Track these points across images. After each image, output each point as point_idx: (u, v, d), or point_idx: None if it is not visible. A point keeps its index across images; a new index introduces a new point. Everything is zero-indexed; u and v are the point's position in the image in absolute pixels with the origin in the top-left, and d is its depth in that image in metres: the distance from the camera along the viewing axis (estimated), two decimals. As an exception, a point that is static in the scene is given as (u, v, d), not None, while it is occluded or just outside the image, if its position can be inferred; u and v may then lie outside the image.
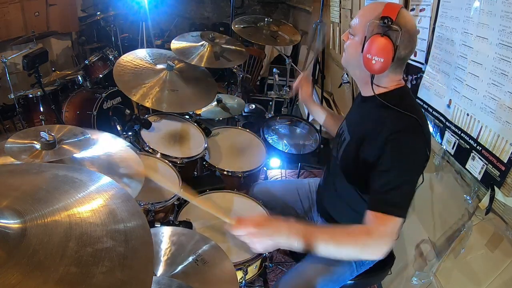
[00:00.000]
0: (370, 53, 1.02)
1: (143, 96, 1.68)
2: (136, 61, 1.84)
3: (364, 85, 1.17)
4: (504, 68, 1.11)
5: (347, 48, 1.16)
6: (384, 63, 1.01)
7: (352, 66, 1.18)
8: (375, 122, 1.09)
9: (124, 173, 1.16)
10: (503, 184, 1.14)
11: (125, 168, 1.18)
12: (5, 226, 0.55)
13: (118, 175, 1.14)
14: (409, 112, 1.04)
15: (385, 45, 1.00)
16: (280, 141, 2.18)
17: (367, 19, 1.05)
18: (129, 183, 1.14)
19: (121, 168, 1.18)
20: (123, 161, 1.21)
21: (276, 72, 2.49)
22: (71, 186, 0.68)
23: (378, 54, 1.01)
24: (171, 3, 5.06)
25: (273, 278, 1.91)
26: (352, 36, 1.13)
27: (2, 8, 3.04)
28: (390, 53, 1.01)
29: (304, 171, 2.89)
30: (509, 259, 1.14)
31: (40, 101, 2.65)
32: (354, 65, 1.15)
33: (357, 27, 1.10)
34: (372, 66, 1.03)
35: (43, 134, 1.07)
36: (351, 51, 1.14)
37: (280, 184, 1.66)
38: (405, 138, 1.02)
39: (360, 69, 1.11)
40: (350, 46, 1.14)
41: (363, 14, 1.10)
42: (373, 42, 1.02)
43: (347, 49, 1.16)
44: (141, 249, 0.60)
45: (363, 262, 1.27)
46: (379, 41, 1.01)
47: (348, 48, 1.15)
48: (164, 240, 1.13)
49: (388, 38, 1.01)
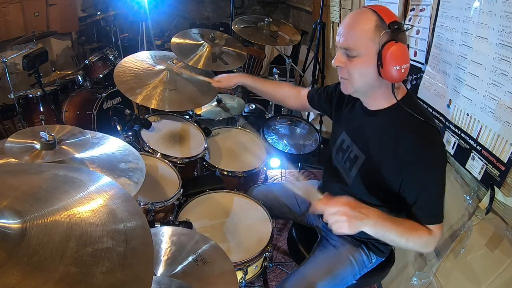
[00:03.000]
0: (396, 63, 0.95)
1: (146, 98, 1.68)
2: (137, 62, 1.84)
3: (375, 100, 1.11)
4: (504, 68, 1.11)
5: (353, 71, 1.04)
6: (408, 68, 0.99)
7: (365, 87, 1.07)
8: (396, 138, 1.04)
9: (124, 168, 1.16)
10: (503, 184, 1.14)
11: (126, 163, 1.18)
12: (5, 226, 0.55)
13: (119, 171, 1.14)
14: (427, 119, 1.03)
15: (405, 49, 0.97)
16: (280, 141, 2.18)
17: (368, 32, 0.98)
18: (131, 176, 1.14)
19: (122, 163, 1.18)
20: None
21: (276, 72, 2.49)
22: (71, 186, 0.68)
23: (404, 61, 0.97)
24: (171, 3, 5.06)
25: (273, 278, 1.91)
26: (352, 58, 1.02)
27: (2, 8, 3.04)
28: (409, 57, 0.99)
29: (304, 171, 2.89)
30: (509, 259, 1.14)
31: (40, 101, 2.64)
32: (368, 85, 1.06)
33: (358, 45, 0.99)
34: (398, 75, 0.98)
35: (42, 134, 1.07)
36: (361, 72, 1.03)
37: (278, 186, 1.66)
38: (434, 149, 1.02)
39: (376, 87, 1.05)
40: (357, 68, 1.02)
41: (356, 29, 1.00)
42: (396, 50, 0.95)
43: (354, 72, 1.04)
44: (141, 249, 0.60)
45: (366, 265, 1.27)
46: (400, 47, 0.96)
47: (355, 71, 1.03)
48: (164, 240, 1.13)
49: (401, 42, 0.97)
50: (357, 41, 0.99)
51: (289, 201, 1.52)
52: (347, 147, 1.23)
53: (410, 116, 1.03)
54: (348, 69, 1.04)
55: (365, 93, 1.12)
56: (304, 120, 2.37)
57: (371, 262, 1.28)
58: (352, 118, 1.24)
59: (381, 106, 1.11)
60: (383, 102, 1.10)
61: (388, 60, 0.96)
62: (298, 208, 1.50)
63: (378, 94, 1.09)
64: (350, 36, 1.00)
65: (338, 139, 1.28)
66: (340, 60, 1.05)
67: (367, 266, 1.27)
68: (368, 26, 0.98)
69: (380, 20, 0.97)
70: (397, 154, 1.04)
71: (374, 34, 0.97)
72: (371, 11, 0.99)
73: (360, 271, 1.26)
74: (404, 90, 1.11)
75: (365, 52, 0.99)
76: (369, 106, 1.15)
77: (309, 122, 2.37)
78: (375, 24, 0.97)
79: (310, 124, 2.35)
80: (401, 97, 1.08)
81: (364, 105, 1.17)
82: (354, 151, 1.19)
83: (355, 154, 1.18)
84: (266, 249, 1.32)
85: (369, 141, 1.14)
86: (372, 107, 1.14)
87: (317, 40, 2.77)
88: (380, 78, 1.01)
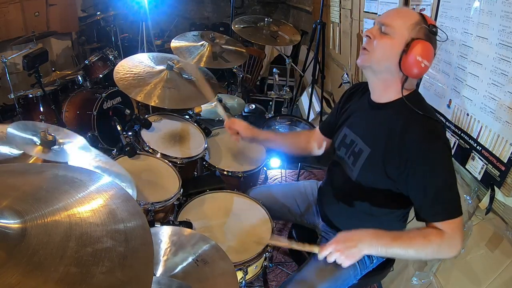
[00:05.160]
0: (421, 55, 1.00)
1: (146, 95, 1.68)
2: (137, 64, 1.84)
3: (383, 90, 1.13)
4: (504, 68, 1.11)
5: (378, 46, 1.07)
6: (427, 68, 1.03)
7: (380, 65, 1.09)
8: (401, 131, 1.05)
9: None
10: (503, 184, 1.14)
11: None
12: (5, 226, 0.55)
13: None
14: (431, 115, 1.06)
15: (432, 51, 1.03)
16: (280, 141, 2.18)
17: (409, 20, 1.04)
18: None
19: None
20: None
21: (276, 72, 2.49)
22: (71, 186, 0.68)
23: (427, 58, 1.01)
24: (171, 3, 5.06)
25: (273, 278, 1.91)
26: (384, 35, 1.06)
27: (2, 8, 3.04)
28: (432, 60, 1.04)
29: (304, 171, 2.89)
30: (509, 259, 1.14)
31: (40, 101, 2.65)
32: (384, 66, 1.08)
33: (396, 26, 1.04)
34: (417, 69, 1.02)
35: (42, 134, 1.07)
36: (384, 50, 1.06)
37: (277, 187, 1.65)
38: (439, 143, 1.02)
39: (390, 71, 1.08)
40: (383, 45, 1.06)
41: (401, 16, 1.06)
42: (424, 46, 1.01)
43: (379, 46, 1.07)
44: (141, 249, 0.60)
45: (367, 265, 1.26)
46: (428, 46, 1.01)
47: (380, 46, 1.06)
48: (164, 240, 1.13)
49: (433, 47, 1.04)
50: (397, 22, 1.05)
51: (289, 202, 1.51)
52: (351, 141, 1.23)
53: (416, 111, 1.05)
54: (375, 42, 1.08)
55: (378, 75, 1.13)
56: (304, 120, 2.38)
57: (372, 263, 1.28)
58: (357, 113, 1.26)
59: (389, 98, 1.12)
60: (391, 93, 1.12)
61: (415, 50, 1.01)
62: (298, 209, 1.50)
63: (388, 81, 1.11)
64: (393, 16, 1.07)
65: (339, 135, 1.29)
66: (371, 31, 1.09)
67: (368, 266, 1.27)
68: (412, 18, 1.05)
69: (422, 19, 1.05)
70: (402, 148, 1.04)
71: (413, 26, 1.03)
72: (417, 13, 1.08)
73: (361, 271, 1.26)
74: (413, 87, 1.14)
75: (398, 35, 1.04)
76: (376, 96, 1.17)
77: (309, 122, 2.37)
78: (418, 19, 1.04)
79: (310, 124, 2.36)
80: (409, 93, 1.11)
81: (371, 98, 1.19)
82: (359, 145, 1.19)
83: (359, 148, 1.18)
84: (266, 249, 1.32)
85: (375, 134, 1.15)
86: (379, 99, 1.16)
87: (317, 40, 2.77)
88: (398, 67, 1.05)
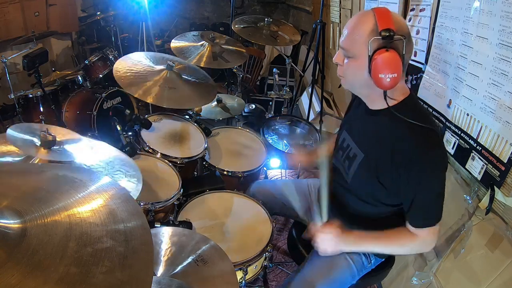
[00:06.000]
0: (382, 72, 0.95)
1: (145, 93, 1.68)
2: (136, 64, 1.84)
3: (373, 101, 1.12)
4: (504, 68, 1.11)
5: (347, 71, 1.07)
6: (398, 77, 0.97)
7: (358, 87, 1.11)
8: (394, 139, 1.04)
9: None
10: (503, 184, 1.14)
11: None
12: (5, 226, 0.55)
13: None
14: (425, 123, 1.02)
15: (395, 59, 0.95)
16: (280, 141, 2.18)
17: (362, 36, 0.98)
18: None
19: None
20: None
21: (276, 72, 2.48)
22: (71, 186, 0.68)
23: (390, 71, 0.95)
24: (171, 3, 5.06)
25: (273, 278, 1.91)
26: (348, 58, 1.05)
27: (2, 8, 3.04)
28: (400, 65, 0.97)
29: (304, 171, 2.89)
30: (509, 259, 1.14)
31: (40, 101, 2.64)
32: (361, 86, 1.09)
33: (353, 47, 1.02)
34: (386, 83, 0.97)
35: (42, 134, 1.07)
36: (353, 74, 1.06)
37: (278, 184, 1.66)
38: (431, 153, 1.01)
39: (369, 88, 1.06)
40: (351, 69, 1.05)
41: (354, 31, 1.01)
42: (382, 59, 0.95)
43: (347, 72, 1.07)
44: (141, 249, 0.60)
45: (365, 266, 1.27)
46: (388, 56, 0.95)
47: (349, 71, 1.07)
48: (164, 240, 1.13)
49: (394, 51, 0.95)
50: (353, 43, 1.02)
51: (291, 198, 1.51)
52: (347, 145, 1.24)
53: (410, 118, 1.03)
54: (344, 68, 1.08)
55: (361, 93, 1.15)
56: (304, 120, 2.38)
57: (370, 263, 1.28)
58: (356, 117, 1.26)
59: (381, 106, 1.11)
60: (380, 103, 1.10)
61: (374, 68, 0.97)
62: (300, 205, 1.50)
63: (375, 95, 1.09)
64: (348, 38, 1.03)
65: (340, 138, 1.31)
66: (338, 58, 1.10)
67: (366, 267, 1.27)
68: (364, 30, 0.99)
69: (375, 25, 0.97)
70: (394, 156, 1.04)
71: (367, 39, 0.98)
72: (371, 15, 0.99)
73: (359, 272, 1.26)
74: (406, 91, 1.09)
75: (359, 55, 1.01)
76: (370, 105, 1.16)
77: (309, 122, 2.37)
78: (371, 29, 0.98)
79: (310, 124, 2.35)
80: (403, 98, 1.08)
81: (366, 105, 1.17)
82: (353, 150, 1.20)
83: (354, 153, 1.19)
84: (266, 249, 1.32)
85: (369, 140, 1.15)
86: (372, 106, 1.15)
87: (317, 40, 2.77)
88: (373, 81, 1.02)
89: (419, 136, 1.01)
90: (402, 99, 1.08)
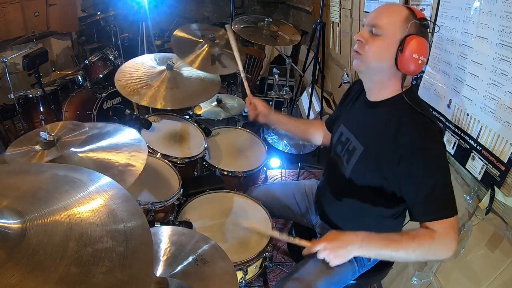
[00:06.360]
0: (417, 52, 0.99)
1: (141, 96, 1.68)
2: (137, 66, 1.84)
3: (378, 90, 1.12)
4: (504, 68, 1.11)
5: (370, 49, 1.05)
6: (423, 63, 1.02)
7: (374, 68, 1.08)
8: (396, 131, 1.04)
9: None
10: (503, 184, 1.14)
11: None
12: (5, 226, 0.55)
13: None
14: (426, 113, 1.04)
15: (427, 46, 1.02)
16: (280, 141, 2.18)
17: (400, 18, 1.02)
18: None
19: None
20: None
21: (276, 72, 2.49)
22: (71, 186, 0.68)
23: (423, 54, 1.00)
24: (171, 3, 5.06)
25: (273, 278, 1.91)
26: (375, 36, 1.04)
27: (2, 8, 3.04)
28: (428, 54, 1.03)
29: (304, 171, 2.89)
30: (509, 259, 1.14)
31: (40, 101, 2.64)
32: (378, 68, 1.07)
33: (387, 26, 1.03)
34: (414, 66, 1.01)
35: (42, 135, 1.07)
36: (377, 52, 1.05)
37: (277, 186, 1.66)
38: (433, 143, 1.01)
39: (385, 72, 1.07)
40: (376, 47, 1.04)
41: (390, 14, 1.04)
42: (418, 41, 0.99)
43: (371, 49, 1.05)
44: (141, 249, 0.60)
45: (365, 263, 1.26)
46: (423, 41, 1.01)
47: (373, 49, 1.05)
48: (164, 240, 1.13)
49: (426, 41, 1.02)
50: (387, 22, 1.03)
51: (289, 201, 1.52)
52: (346, 139, 1.23)
53: (411, 109, 1.04)
54: (367, 46, 1.06)
55: (373, 76, 1.12)
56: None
57: (370, 260, 1.27)
58: (354, 111, 1.26)
59: (384, 96, 1.11)
60: (386, 92, 1.11)
61: (410, 48, 1.00)
62: (298, 207, 1.50)
63: (385, 83, 1.10)
64: (382, 16, 1.05)
65: (336, 132, 1.30)
66: (362, 35, 1.07)
67: (366, 264, 1.27)
68: (400, 14, 1.03)
69: (411, 13, 1.03)
70: (396, 147, 1.04)
71: (403, 23, 1.02)
72: (405, 7, 1.05)
73: (359, 269, 1.26)
74: (409, 84, 1.12)
75: (390, 35, 1.03)
76: (371, 96, 1.16)
77: (309, 122, 2.36)
78: (407, 15, 1.03)
79: (310, 124, 2.35)
80: (405, 89, 1.09)
81: (366, 97, 1.18)
82: (353, 143, 1.19)
83: (353, 146, 1.19)
84: (266, 249, 1.32)
85: (369, 133, 1.15)
86: (374, 97, 1.15)
87: (317, 40, 2.77)
88: (394, 66, 1.04)
89: (421, 127, 1.02)
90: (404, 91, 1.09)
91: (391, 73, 1.07)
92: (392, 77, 1.08)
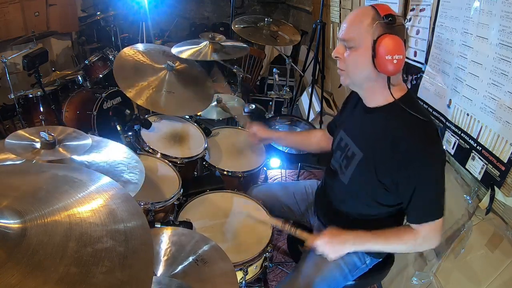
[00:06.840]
0: (388, 53, 0.97)
1: (137, 94, 1.68)
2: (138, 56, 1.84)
3: (373, 95, 1.12)
4: (504, 68, 1.11)
5: (348, 63, 1.07)
6: (402, 59, 0.99)
7: (359, 80, 1.09)
8: (393, 137, 1.04)
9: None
10: (503, 184, 1.14)
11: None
12: (5, 226, 0.55)
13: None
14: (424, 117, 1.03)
15: (399, 41, 0.99)
16: (280, 141, 2.18)
17: (365, 24, 1.01)
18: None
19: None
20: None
21: (276, 72, 2.49)
22: (71, 186, 0.68)
23: (396, 52, 0.97)
24: (171, 3, 5.06)
25: (273, 278, 1.91)
26: (349, 49, 1.05)
27: (2, 8, 3.04)
28: (404, 48, 1.00)
29: (304, 171, 2.89)
30: (509, 259, 1.14)
31: (40, 101, 2.64)
32: (363, 78, 1.08)
33: (356, 37, 1.03)
34: (391, 67, 0.99)
35: (43, 134, 1.07)
36: (355, 64, 1.06)
37: (277, 186, 1.67)
38: (430, 148, 1.02)
39: (371, 79, 1.06)
40: (353, 59, 1.05)
41: (355, 21, 1.03)
42: (387, 41, 0.97)
43: (349, 64, 1.07)
44: (141, 249, 0.60)
45: (358, 266, 1.26)
46: (393, 38, 0.98)
47: (351, 62, 1.06)
48: (164, 240, 1.13)
49: (397, 36, 0.99)
50: (356, 32, 1.03)
51: (289, 201, 1.52)
52: (345, 145, 1.23)
53: (408, 115, 1.03)
54: (345, 60, 1.08)
55: (361, 86, 1.13)
56: (304, 120, 2.38)
57: (364, 264, 1.27)
58: (353, 117, 1.26)
59: (379, 103, 1.11)
60: (380, 98, 1.10)
61: (381, 50, 0.98)
62: (298, 208, 1.50)
63: (376, 89, 1.10)
64: (349, 28, 1.05)
65: (336, 138, 1.30)
66: (338, 52, 1.09)
67: (359, 267, 1.26)
68: (365, 19, 1.02)
69: (376, 13, 1.01)
70: (393, 153, 1.04)
71: (370, 27, 1.01)
72: (370, 7, 1.03)
73: (351, 272, 1.25)
74: (404, 88, 1.11)
75: (362, 44, 1.02)
76: (367, 103, 1.16)
77: (309, 122, 2.37)
78: (372, 17, 1.01)
79: (310, 124, 2.35)
80: (400, 96, 1.08)
81: (364, 103, 1.17)
82: (352, 149, 1.19)
83: (352, 152, 1.19)
84: (266, 249, 1.32)
85: (367, 139, 1.15)
86: (370, 103, 1.15)
87: (317, 40, 2.77)
88: (376, 71, 1.03)
89: (419, 133, 1.02)
90: (401, 96, 1.09)
91: (375, 78, 1.06)
92: (379, 81, 1.07)
